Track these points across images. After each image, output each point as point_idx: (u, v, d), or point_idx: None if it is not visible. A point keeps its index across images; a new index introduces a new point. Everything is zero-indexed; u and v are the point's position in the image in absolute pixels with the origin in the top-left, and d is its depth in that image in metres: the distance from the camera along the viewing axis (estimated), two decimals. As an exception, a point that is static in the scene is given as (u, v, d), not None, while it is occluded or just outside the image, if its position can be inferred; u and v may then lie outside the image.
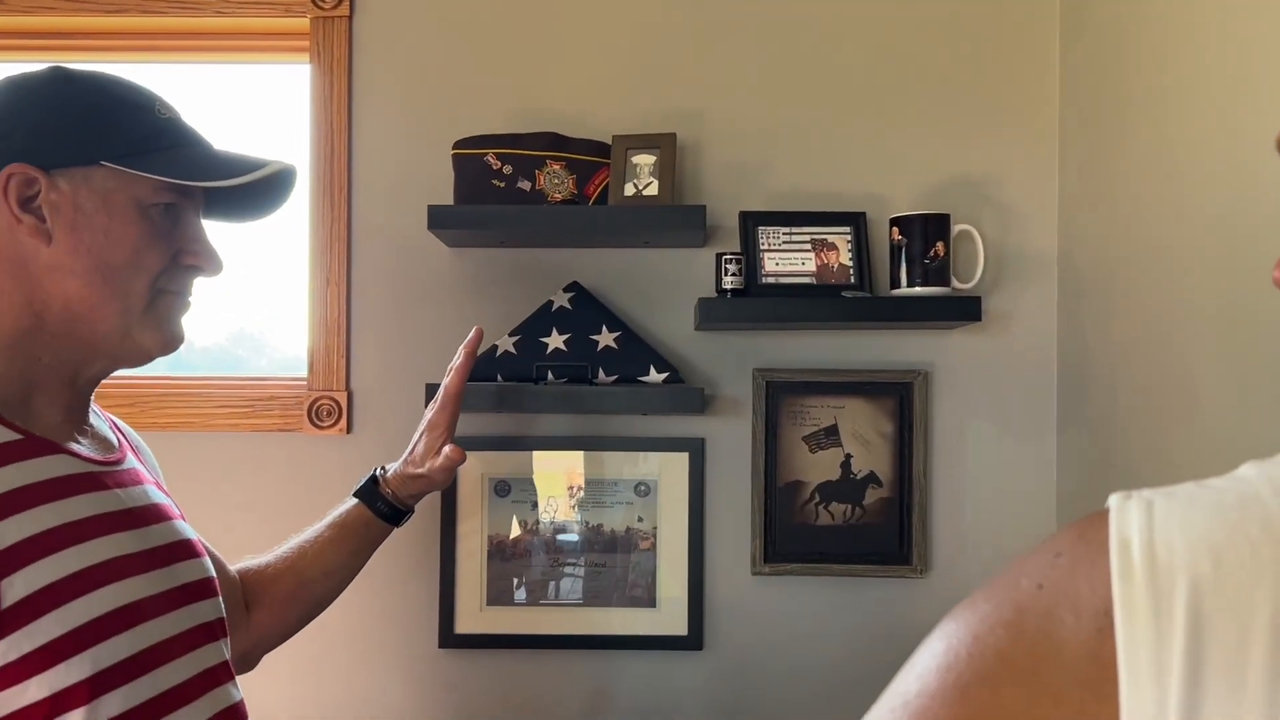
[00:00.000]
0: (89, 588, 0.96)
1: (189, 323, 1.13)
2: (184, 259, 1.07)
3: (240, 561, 1.37)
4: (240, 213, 1.19)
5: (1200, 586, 0.44)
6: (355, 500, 1.45)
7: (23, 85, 1.03)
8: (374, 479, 1.47)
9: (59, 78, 1.04)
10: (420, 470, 1.47)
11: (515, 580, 1.84)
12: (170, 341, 1.09)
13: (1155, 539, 0.46)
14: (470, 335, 1.56)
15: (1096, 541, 0.47)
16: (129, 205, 1.02)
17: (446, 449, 1.48)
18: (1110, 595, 0.45)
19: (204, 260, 1.09)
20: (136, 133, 1.03)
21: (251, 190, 1.13)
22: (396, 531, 1.77)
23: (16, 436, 0.98)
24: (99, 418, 1.14)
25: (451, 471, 1.49)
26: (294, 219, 1.89)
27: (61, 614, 0.93)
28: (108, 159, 1.01)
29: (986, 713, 0.48)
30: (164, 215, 1.05)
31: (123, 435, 1.19)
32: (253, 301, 2.02)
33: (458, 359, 1.54)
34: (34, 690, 0.90)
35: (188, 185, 1.04)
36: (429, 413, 1.52)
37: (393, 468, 1.48)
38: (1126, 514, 0.47)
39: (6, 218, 0.99)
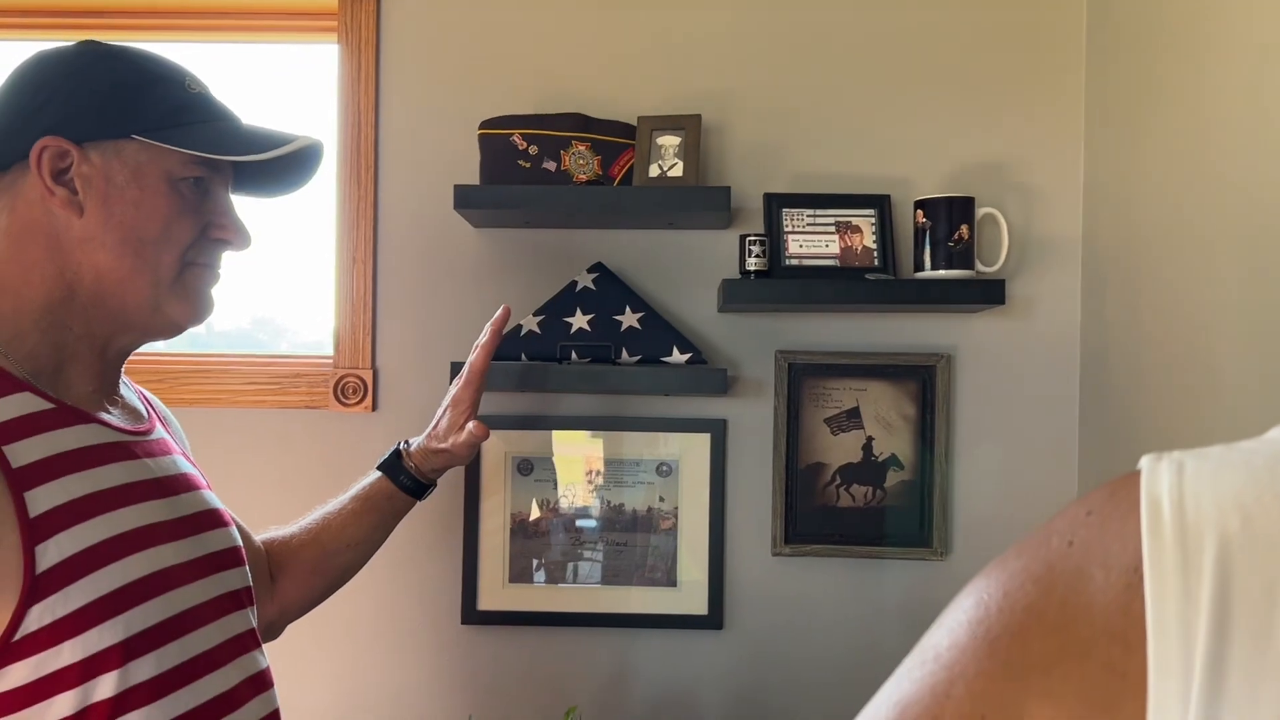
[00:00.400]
0: (120, 554, 0.98)
1: (218, 295, 1.14)
2: (213, 232, 1.09)
3: (265, 532, 1.39)
4: (268, 188, 1.21)
5: (1228, 543, 0.45)
6: (379, 473, 1.46)
7: (55, 59, 1.04)
8: (397, 452, 1.48)
9: (91, 52, 1.05)
10: (443, 445, 1.48)
11: (537, 558, 1.85)
12: (199, 313, 1.10)
13: (1185, 497, 0.46)
14: (497, 313, 1.56)
15: (1128, 500, 0.48)
16: (159, 178, 1.04)
17: (470, 425, 1.49)
18: (1140, 552, 0.46)
19: (232, 234, 1.10)
20: (167, 106, 1.04)
21: (279, 165, 1.15)
22: (420, 509, 1.79)
23: (49, 406, 1.00)
24: (129, 389, 1.16)
25: (474, 447, 1.50)
26: (319, 200, 1.90)
27: (94, 579, 0.95)
28: (139, 132, 1.02)
29: (1015, 664, 0.49)
30: (193, 189, 1.06)
31: (151, 407, 1.20)
32: (274, 286, 2.04)
33: (484, 336, 1.55)
34: (68, 653, 0.92)
35: (218, 159, 1.05)
36: (453, 388, 1.53)
37: (416, 442, 1.50)
38: (1157, 474, 0.48)
39: (39, 190, 1.00)
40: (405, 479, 1.46)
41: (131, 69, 1.05)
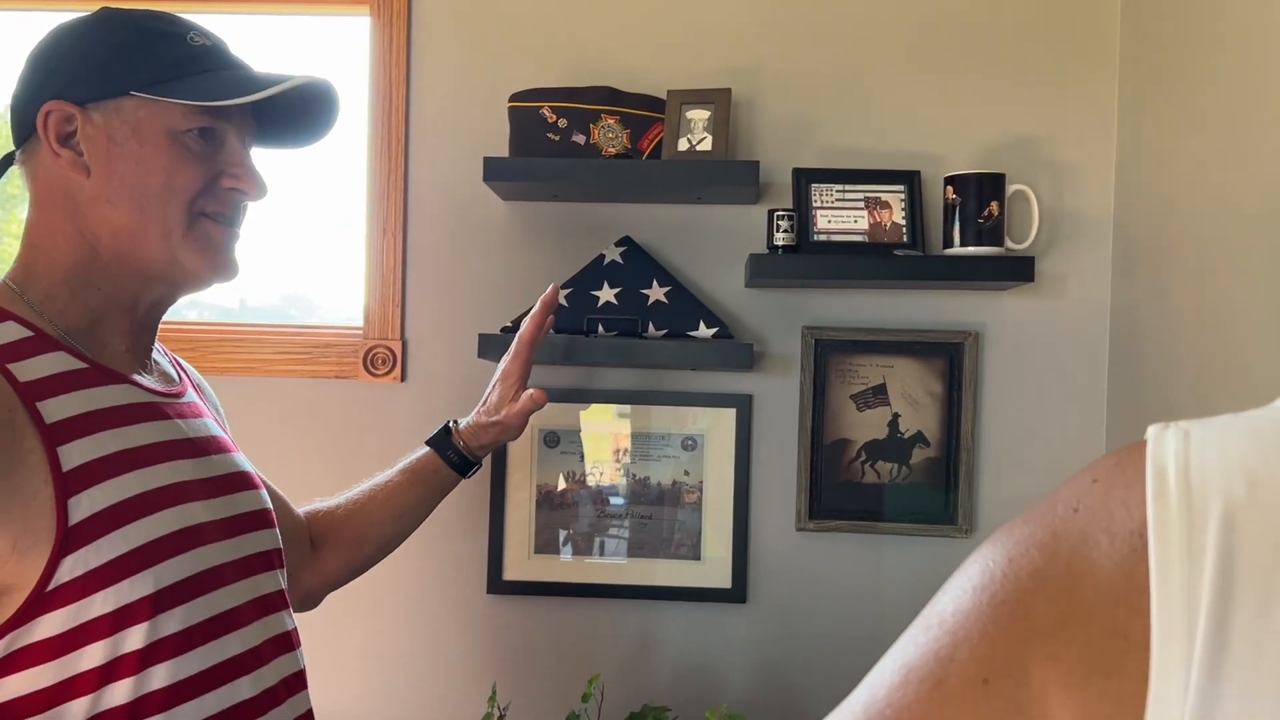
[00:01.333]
0: (151, 509, 1.00)
1: (240, 254, 1.14)
2: (224, 181, 1.09)
3: (310, 504, 1.41)
4: (291, 138, 1.21)
5: (1233, 508, 0.45)
6: (427, 448, 1.47)
7: (65, 29, 1.08)
8: (446, 429, 1.49)
9: (98, 18, 1.08)
10: (496, 418, 1.49)
11: (563, 529, 1.87)
12: (220, 265, 1.11)
13: (1190, 464, 0.47)
14: (548, 290, 1.56)
15: (1134, 467, 0.48)
16: (159, 132, 1.05)
17: (527, 392, 1.50)
18: (1145, 518, 0.46)
19: (245, 182, 1.11)
20: (165, 60, 1.05)
21: (298, 113, 1.17)
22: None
23: (83, 365, 1.02)
24: (162, 355, 1.18)
25: (526, 417, 1.51)
26: (350, 172, 1.92)
27: (125, 532, 0.97)
28: (135, 88, 1.04)
29: (1019, 628, 0.49)
30: (201, 139, 1.07)
31: (184, 373, 1.23)
32: (306, 263, 2.06)
33: (534, 309, 1.55)
34: (99, 604, 0.95)
35: (213, 106, 1.06)
36: (503, 363, 1.53)
37: (465, 420, 1.50)
38: (1164, 442, 0.48)
39: (49, 154, 1.03)
40: (453, 454, 1.47)
41: (132, 28, 1.07)
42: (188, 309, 2.03)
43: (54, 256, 1.05)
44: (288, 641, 1.17)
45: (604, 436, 1.88)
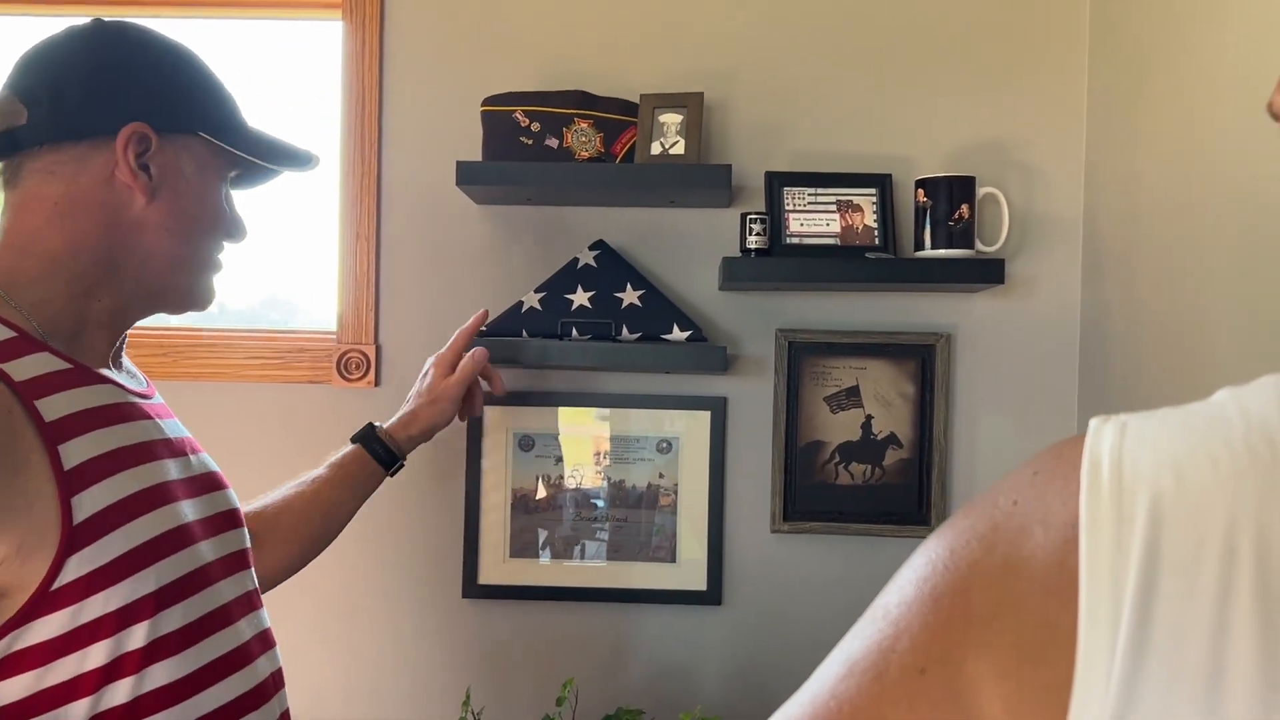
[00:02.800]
0: (147, 508, 1.01)
1: (220, 285, 1.21)
2: None
3: (247, 505, 1.41)
4: (247, 184, 1.28)
5: (1161, 499, 0.46)
6: (353, 444, 1.49)
7: (135, 43, 1.10)
8: (370, 425, 1.52)
9: (163, 44, 1.12)
10: (432, 397, 1.53)
11: (538, 533, 1.87)
12: (211, 298, 1.18)
13: (1124, 456, 0.47)
14: (474, 317, 1.65)
15: (1071, 460, 0.49)
16: (217, 176, 1.14)
17: (467, 354, 1.56)
18: (1078, 510, 0.47)
19: (237, 229, 1.19)
20: (225, 109, 1.14)
21: (269, 167, 1.24)
22: (423, 485, 1.81)
23: (67, 365, 1.02)
24: (126, 359, 1.19)
25: (466, 382, 1.56)
26: (325, 178, 1.91)
27: (127, 531, 0.98)
28: (205, 130, 1.10)
29: (958, 619, 0.50)
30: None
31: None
32: (285, 267, 2.05)
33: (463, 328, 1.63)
34: (103, 603, 0.95)
35: (265, 166, 1.17)
36: (434, 356, 1.60)
37: (390, 420, 1.54)
38: (1101, 434, 0.49)
39: (110, 168, 1.05)
40: (379, 448, 1.49)
41: (199, 70, 1.14)
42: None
43: (66, 263, 1.04)
44: (269, 639, 1.18)
45: (579, 440, 1.88)
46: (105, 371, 1.08)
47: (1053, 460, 0.51)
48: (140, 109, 1.05)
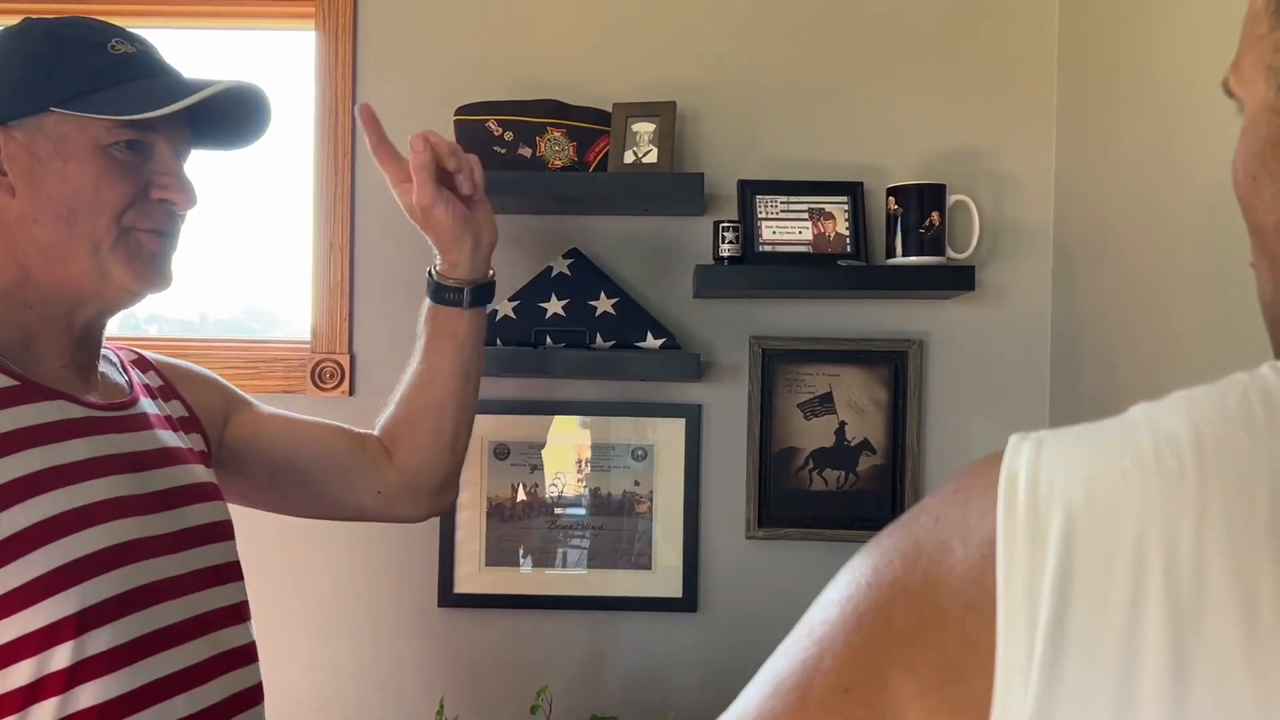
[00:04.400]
0: (78, 526, 0.99)
1: (178, 269, 1.13)
2: (153, 192, 1.08)
3: (380, 418, 1.45)
4: (226, 141, 1.20)
5: (1074, 514, 0.46)
6: (425, 302, 1.45)
7: None
8: (429, 272, 1.45)
9: (16, 30, 1.06)
10: (418, 219, 1.40)
11: (513, 542, 1.87)
12: (150, 277, 1.09)
13: (1040, 473, 0.48)
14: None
15: (990, 476, 0.49)
16: (84, 147, 1.04)
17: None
18: (995, 526, 0.47)
19: (174, 192, 1.09)
20: (84, 72, 1.03)
21: (230, 117, 1.15)
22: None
23: (13, 383, 1.01)
24: (112, 365, 1.17)
25: (420, 171, 1.35)
26: (299, 188, 1.91)
27: (49, 551, 0.96)
28: (55, 104, 1.02)
29: (879, 637, 0.50)
30: (128, 151, 1.06)
31: (148, 376, 1.22)
32: (267, 276, 2.05)
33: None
34: (23, 623, 0.94)
35: (134, 119, 1.04)
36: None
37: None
38: (1019, 451, 0.50)
39: None
40: (442, 292, 1.42)
41: (50, 40, 1.04)
42: (149, 323, 2.01)
43: None
44: (240, 656, 1.15)
45: (553, 448, 1.88)
46: (62, 387, 1.05)
47: (973, 477, 0.51)
48: None
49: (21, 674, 0.94)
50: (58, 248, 1.04)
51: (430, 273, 1.44)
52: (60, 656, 0.95)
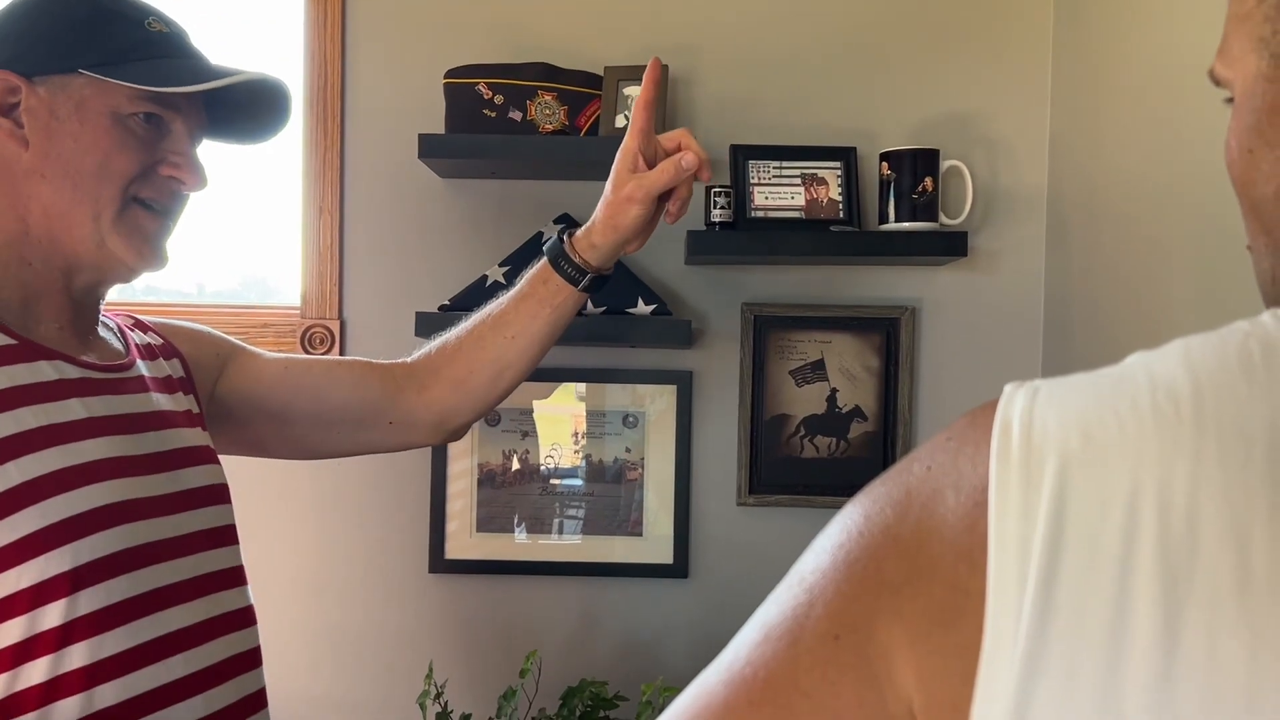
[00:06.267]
0: (72, 485, 0.98)
1: (175, 246, 1.13)
2: (162, 169, 1.08)
3: (424, 347, 1.36)
4: (243, 134, 1.21)
5: (1067, 461, 0.46)
6: (544, 258, 1.31)
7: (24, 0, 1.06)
8: (565, 228, 1.33)
9: None
10: (616, 200, 1.26)
11: (504, 508, 1.87)
12: (147, 255, 1.09)
13: (1034, 420, 0.47)
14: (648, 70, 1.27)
15: (983, 425, 0.49)
16: (102, 112, 1.04)
17: (671, 159, 1.24)
18: (989, 473, 0.47)
19: (184, 172, 1.09)
20: (118, 42, 1.04)
21: (250, 109, 1.16)
22: (388, 460, 1.78)
23: (11, 342, 1.01)
24: (110, 331, 1.16)
25: (656, 192, 1.23)
26: (288, 152, 1.89)
27: (42, 508, 0.95)
28: (85, 67, 1.03)
29: (870, 585, 0.50)
30: (145, 125, 1.06)
31: (148, 335, 1.21)
32: (264, 246, 2.04)
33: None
34: (14, 581, 0.93)
35: (159, 92, 1.05)
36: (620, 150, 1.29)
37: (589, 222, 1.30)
38: (1014, 399, 0.49)
39: None
40: (565, 264, 1.28)
41: (90, 6, 1.05)
42: (145, 293, 2.00)
43: None
44: (238, 619, 1.15)
45: (544, 414, 1.88)
46: (59, 348, 1.05)
47: (966, 425, 0.51)
48: (6, 56, 1.02)
49: (12, 632, 0.94)
50: (59, 208, 1.03)
51: (563, 238, 1.30)
52: (52, 614, 0.95)
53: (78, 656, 0.97)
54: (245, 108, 1.16)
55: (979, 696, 0.45)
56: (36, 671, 0.95)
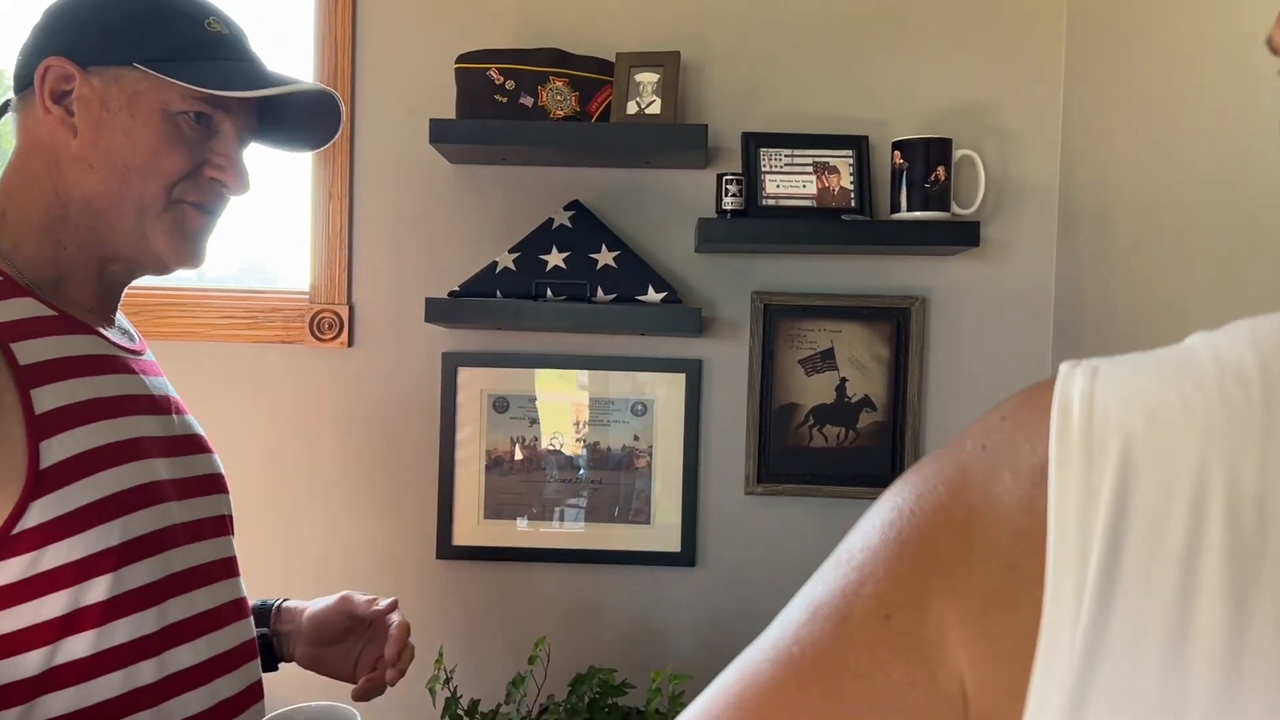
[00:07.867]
0: (118, 460, 0.99)
1: (211, 244, 1.14)
2: (208, 170, 1.09)
3: None
4: (291, 141, 1.21)
5: (1131, 442, 0.45)
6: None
7: None
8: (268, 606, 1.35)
9: None
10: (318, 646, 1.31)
11: (512, 494, 1.87)
12: (186, 253, 1.10)
13: (1095, 400, 0.47)
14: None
15: (1041, 404, 0.48)
16: (154, 109, 1.05)
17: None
18: (1047, 454, 0.46)
19: (229, 175, 1.10)
20: (176, 40, 1.05)
21: (300, 117, 1.17)
22: (396, 446, 1.79)
23: (52, 313, 1.01)
24: (122, 317, 1.17)
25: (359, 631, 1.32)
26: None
27: (95, 481, 0.96)
28: (141, 61, 1.03)
29: (923, 564, 0.49)
30: (195, 124, 1.07)
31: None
32: (266, 232, 2.03)
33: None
34: (64, 552, 0.94)
35: (213, 94, 1.06)
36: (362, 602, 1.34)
37: (293, 605, 1.35)
38: (1072, 378, 0.48)
39: (40, 108, 1.03)
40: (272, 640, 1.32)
41: (151, 1, 1.07)
42: (145, 277, 1.99)
43: (27, 207, 1.04)
44: (244, 607, 1.17)
45: (554, 402, 1.88)
46: (90, 322, 1.06)
47: (1022, 404, 0.50)
48: (65, 44, 1.03)
49: (56, 604, 0.94)
50: (104, 200, 1.04)
51: (272, 607, 1.34)
52: (98, 589, 0.96)
53: (121, 633, 0.98)
54: (295, 116, 1.18)
55: (1037, 677, 0.45)
56: (80, 645, 0.95)
